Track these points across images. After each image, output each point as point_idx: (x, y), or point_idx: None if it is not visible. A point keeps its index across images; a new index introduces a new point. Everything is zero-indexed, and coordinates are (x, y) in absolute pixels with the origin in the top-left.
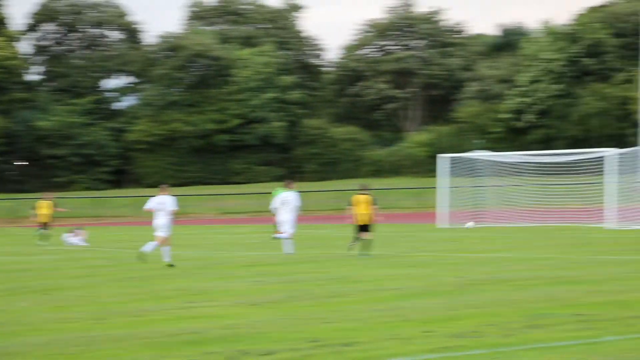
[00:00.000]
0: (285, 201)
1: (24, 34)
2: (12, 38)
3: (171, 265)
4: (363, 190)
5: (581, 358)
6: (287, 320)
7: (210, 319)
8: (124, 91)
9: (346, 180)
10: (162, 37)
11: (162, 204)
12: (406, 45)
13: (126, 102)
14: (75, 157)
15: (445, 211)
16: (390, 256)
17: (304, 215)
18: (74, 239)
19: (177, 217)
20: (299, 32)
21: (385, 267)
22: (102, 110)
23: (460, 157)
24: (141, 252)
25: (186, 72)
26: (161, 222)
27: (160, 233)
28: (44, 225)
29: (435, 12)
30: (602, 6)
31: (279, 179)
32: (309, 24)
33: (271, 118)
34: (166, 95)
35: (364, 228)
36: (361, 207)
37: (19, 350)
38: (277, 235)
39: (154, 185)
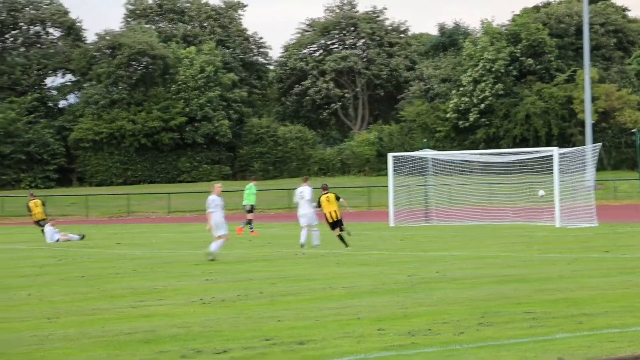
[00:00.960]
0: (303, 195)
1: None
2: None
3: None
4: (326, 189)
5: (533, 355)
6: (239, 319)
7: (163, 317)
8: (66, 89)
9: (295, 179)
10: (102, 35)
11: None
12: (348, 45)
13: (69, 100)
14: (20, 155)
15: (396, 210)
16: (341, 255)
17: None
18: (64, 236)
19: (126, 216)
20: (241, 30)
21: (336, 265)
22: (44, 109)
23: (409, 156)
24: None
25: (129, 70)
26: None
27: (217, 231)
28: (39, 223)
29: (376, 12)
30: (539, 7)
31: (226, 177)
32: (250, 22)
33: (216, 116)
34: (109, 93)
35: (336, 224)
36: (329, 205)
37: None
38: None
39: (100, 183)
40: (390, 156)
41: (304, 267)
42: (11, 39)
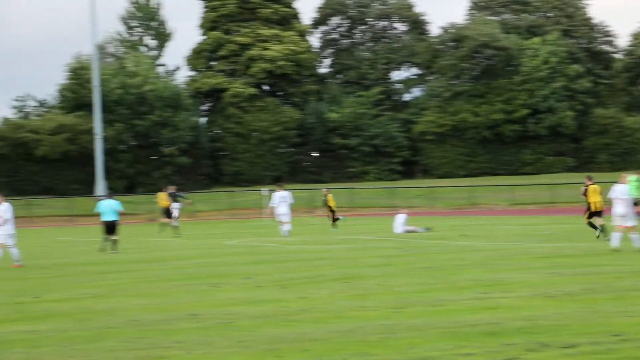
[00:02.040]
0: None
1: (313, 29)
2: (303, 33)
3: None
4: (591, 180)
5: None
6: (586, 313)
7: (507, 310)
8: (410, 83)
9: None
10: (446, 28)
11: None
12: None
13: (413, 93)
14: (366, 148)
15: None
16: None
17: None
18: (410, 227)
19: (470, 208)
20: (587, 19)
21: None
22: (389, 102)
23: None
24: (611, 247)
25: (472, 62)
26: (621, 211)
27: (623, 222)
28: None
29: None
30: None
31: (570, 169)
32: (596, 10)
33: (560, 108)
34: (452, 86)
35: (597, 214)
36: (594, 196)
37: (321, 337)
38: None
39: (444, 175)
40: None
41: None
42: (359, 34)
